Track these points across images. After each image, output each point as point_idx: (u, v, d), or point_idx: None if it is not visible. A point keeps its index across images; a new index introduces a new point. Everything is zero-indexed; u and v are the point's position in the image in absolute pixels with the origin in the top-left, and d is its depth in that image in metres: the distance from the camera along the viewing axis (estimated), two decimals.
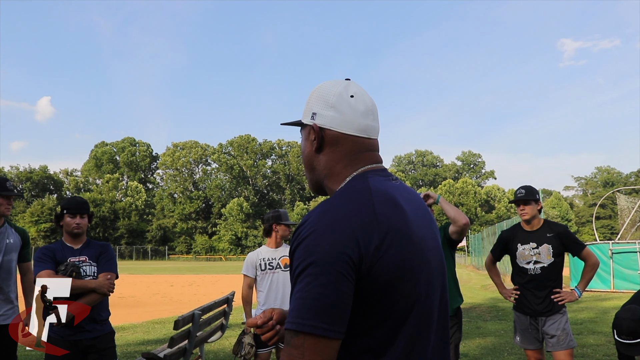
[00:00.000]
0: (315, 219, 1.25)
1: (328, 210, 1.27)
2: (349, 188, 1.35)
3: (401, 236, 1.27)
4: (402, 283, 1.25)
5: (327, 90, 1.47)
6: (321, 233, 1.22)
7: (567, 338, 4.43)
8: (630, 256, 16.86)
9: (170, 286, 22.81)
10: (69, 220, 3.89)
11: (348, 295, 1.20)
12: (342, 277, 1.19)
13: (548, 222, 4.65)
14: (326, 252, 1.19)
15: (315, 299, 1.17)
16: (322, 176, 1.48)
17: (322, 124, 1.44)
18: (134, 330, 10.14)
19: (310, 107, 1.48)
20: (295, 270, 1.22)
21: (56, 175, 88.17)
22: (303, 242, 1.23)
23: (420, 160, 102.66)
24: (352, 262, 1.20)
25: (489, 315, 11.62)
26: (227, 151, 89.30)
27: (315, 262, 1.19)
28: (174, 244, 79.97)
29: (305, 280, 1.19)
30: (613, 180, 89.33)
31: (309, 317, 1.16)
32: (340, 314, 1.19)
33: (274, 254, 5.18)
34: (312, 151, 1.47)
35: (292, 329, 1.17)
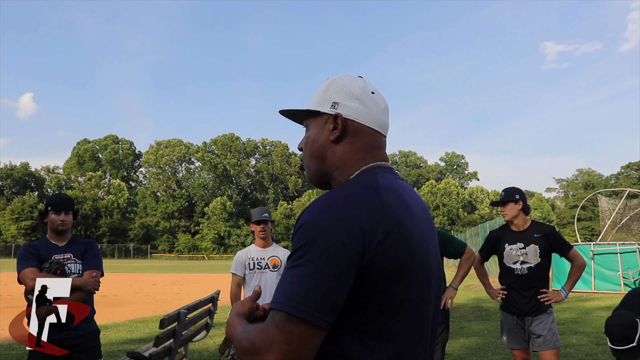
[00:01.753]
0: (321, 205, 1.23)
1: (335, 198, 1.24)
2: (358, 180, 1.34)
3: (406, 233, 1.26)
4: (401, 279, 1.24)
5: (350, 83, 1.46)
6: (327, 220, 1.19)
7: (553, 338, 4.46)
8: (611, 257, 17.05)
9: (153, 285, 22.64)
10: (53, 217, 3.84)
11: (346, 288, 1.18)
12: (344, 269, 1.17)
13: (535, 223, 4.68)
14: (331, 241, 1.17)
15: (316, 286, 1.14)
16: (333, 167, 1.45)
17: (347, 114, 1.43)
18: (116, 329, 10.04)
19: (330, 97, 1.45)
20: (296, 251, 1.19)
21: (37, 172, 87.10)
22: (306, 225, 1.20)
23: (403, 160, 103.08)
24: (355, 254, 1.18)
25: (472, 315, 11.68)
26: (210, 150, 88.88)
27: (319, 249, 1.16)
28: (157, 242, 79.45)
29: (307, 265, 1.15)
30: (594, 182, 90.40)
31: (306, 303, 1.13)
32: (335, 306, 1.16)
33: (262, 253, 5.13)
34: (327, 141, 1.44)
35: (284, 310, 1.13)
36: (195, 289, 19.82)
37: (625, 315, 3.55)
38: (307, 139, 1.49)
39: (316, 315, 1.13)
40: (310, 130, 1.49)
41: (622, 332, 3.44)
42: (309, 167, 1.50)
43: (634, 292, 4.03)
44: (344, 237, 1.17)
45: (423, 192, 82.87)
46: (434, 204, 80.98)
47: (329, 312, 1.15)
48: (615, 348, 3.51)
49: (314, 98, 1.50)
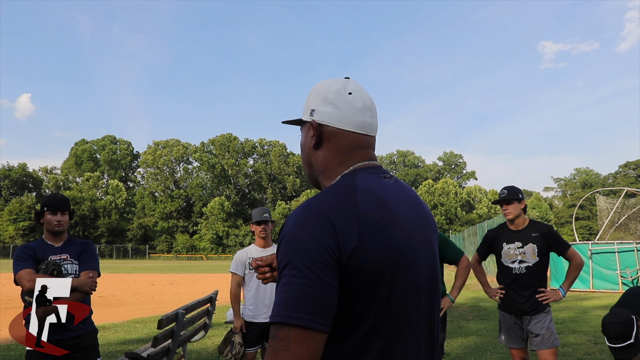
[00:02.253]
0: (297, 214, 1.28)
1: (310, 205, 1.29)
2: (336, 187, 1.36)
3: (383, 235, 1.28)
4: (381, 281, 1.26)
5: (326, 88, 1.49)
6: (302, 227, 1.24)
7: (551, 337, 4.45)
8: (609, 256, 17.08)
9: (151, 285, 22.63)
10: (49, 217, 3.82)
11: (333, 287, 1.21)
12: (326, 268, 1.20)
13: (534, 222, 4.68)
14: (308, 245, 1.21)
15: (300, 290, 1.18)
16: (318, 172, 1.51)
17: (321, 120, 1.47)
18: (115, 330, 10.02)
19: (309, 104, 1.50)
20: (280, 264, 1.23)
21: (35, 173, 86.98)
22: (285, 237, 1.25)
23: (401, 160, 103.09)
24: (333, 254, 1.22)
25: (471, 315, 11.68)
26: (208, 150, 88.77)
27: (298, 255, 1.20)
28: (155, 242, 79.36)
29: (289, 274, 1.20)
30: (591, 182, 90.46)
31: (294, 309, 1.16)
32: (325, 306, 1.19)
33: (262, 253, 5.12)
34: (310, 147, 1.50)
35: (276, 321, 1.17)
36: (194, 289, 19.80)
37: (621, 312, 3.57)
38: (300, 146, 1.58)
39: (306, 318, 1.16)
40: (301, 138, 1.57)
41: (619, 329, 3.45)
42: (305, 172, 1.59)
43: (631, 290, 4.04)
44: (319, 245, 1.21)
45: (421, 192, 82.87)
46: (431, 203, 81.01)
47: (320, 314, 1.17)
48: (613, 346, 3.52)
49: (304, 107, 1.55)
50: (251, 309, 5.13)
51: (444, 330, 4.64)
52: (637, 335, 3.46)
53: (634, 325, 3.47)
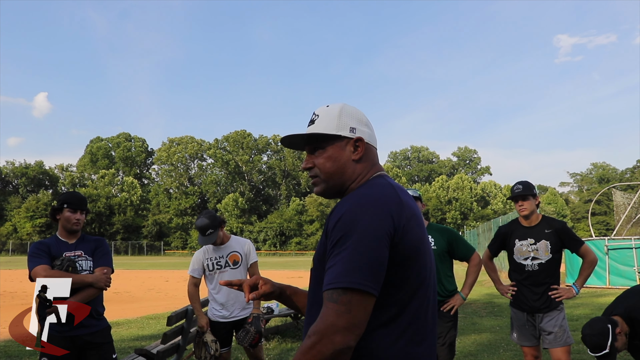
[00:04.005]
0: (354, 200, 1.54)
1: (365, 195, 1.56)
2: (374, 183, 1.66)
3: (418, 222, 1.60)
4: (417, 260, 1.56)
5: (356, 111, 1.78)
6: (366, 209, 1.50)
7: (564, 335, 4.41)
8: (626, 252, 16.87)
9: (166, 282, 22.77)
10: (69, 215, 3.85)
11: (385, 261, 1.48)
12: (384, 244, 1.47)
13: (546, 218, 4.61)
14: (370, 223, 1.47)
15: (363, 261, 1.42)
16: (351, 180, 1.74)
17: (364, 137, 1.75)
18: (128, 326, 10.11)
19: (346, 122, 1.74)
20: (339, 239, 1.47)
21: (51, 170, 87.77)
22: (345, 216, 1.49)
23: (415, 156, 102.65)
24: (388, 234, 1.48)
25: (484, 312, 11.62)
26: (222, 146, 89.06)
27: (359, 232, 1.45)
28: (170, 239, 79.75)
29: (351, 247, 1.44)
30: (608, 177, 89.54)
31: (359, 276, 1.40)
32: (381, 275, 1.46)
33: (220, 251, 5.01)
34: (349, 160, 1.73)
35: (340, 287, 1.40)
36: None
37: (596, 324, 3.68)
38: (328, 158, 1.74)
39: (368, 284, 1.41)
40: (329, 151, 1.74)
41: (594, 341, 3.61)
42: (326, 183, 1.76)
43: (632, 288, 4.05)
44: (379, 221, 1.48)
45: (435, 187, 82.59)
46: (446, 198, 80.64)
47: (375, 281, 1.43)
48: (596, 355, 3.62)
49: (325, 124, 1.74)
50: (220, 309, 5.00)
51: (455, 328, 4.61)
52: (612, 344, 3.54)
53: (608, 335, 3.55)
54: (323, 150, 1.75)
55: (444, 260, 4.57)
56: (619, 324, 3.64)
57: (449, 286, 4.59)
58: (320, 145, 1.75)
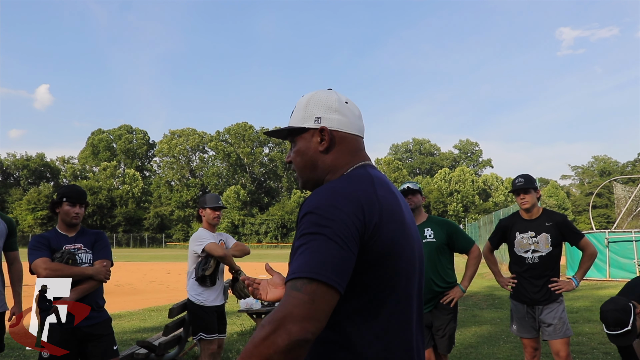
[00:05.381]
0: (326, 192, 1.44)
1: (337, 187, 1.45)
2: (353, 174, 1.56)
3: (396, 218, 1.49)
4: (391, 258, 1.45)
5: (327, 97, 1.65)
6: (335, 202, 1.39)
7: (563, 327, 4.43)
8: (627, 245, 16.91)
9: (167, 274, 22.85)
10: (68, 208, 3.86)
11: (353, 258, 1.37)
12: (352, 240, 1.37)
13: (547, 211, 4.63)
14: (340, 217, 1.36)
15: (330, 254, 1.32)
16: (325, 173, 1.64)
17: (330, 126, 1.62)
18: (130, 318, 10.15)
19: (311, 113, 1.64)
20: (307, 230, 1.36)
21: (53, 162, 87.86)
22: (314, 208, 1.39)
23: (417, 148, 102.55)
24: (358, 230, 1.38)
25: (485, 304, 11.65)
26: (224, 139, 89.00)
27: (330, 224, 1.35)
28: (171, 231, 79.90)
29: (319, 239, 1.34)
30: (610, 170, 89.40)
31: (325, 270, 1.30)
32: (347, 272, 1.35)
33: (216, 238, 5.08)
34: (317, 152, 1.63)
35: (306, 276, 1.29)
36: None
37: (618, 300, 3.59)
38: (297, 152, 1.67)
39: (333, 278, 1.30)
40: (298, 144, 1.67)
41: (616, 316, 3.50)
42: (302, 177, 1.70)
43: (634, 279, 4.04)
44: (348, 216, 1.37)
45: (437, 180, 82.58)
46: (447, 191, 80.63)
47: (342, 277, 1.33)
48: (611, 333, 3.53)
49: (295, 116, 1.68)
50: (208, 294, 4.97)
51: (454, 320, 4.62)
52: (634, 322, 3.47)
53: (632, 312, 3.49)
54: (295, 144, 1.68)
55: (443, 253, 4.58)
56: (638, 305, 3.63)
57: (448, 278, 4.60)
58: (293, 139, 1.69)
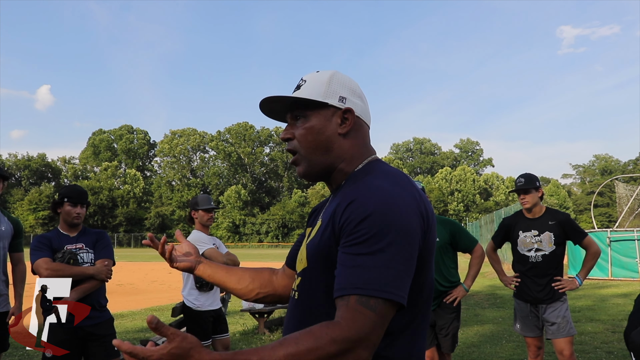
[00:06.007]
0: (386, 192, 1.28)
1: (389, 189, 1.30)
2: (387, 171, 1.40)
3: (433, 221, 1.39)
4: (429, 262, 1.37)
5: (349, 80, 1.52)
6: (399, 206, 1.26)
7: (567, 326, 4.41)
8: (629, 244, 16.87)
9: (169, 273, 22.79)
10: (69, 209, 3.86)
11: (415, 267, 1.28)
12: (417, 250, 1.28)
13: (550, 210, 4.61)
14: (408, 224, 1.25)
15: (403, 270, 1.22)
16: (339, 159, 1.48)
17: (354, 109, 1.49)
18: (132, 318, 10.14)
19: (335, 90, 1.48)
20: (370, 237, 1.22)
21: (54, 163, 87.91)
22: (377, 213, 1.24)
23: (418, 148, 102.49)
24: (420, 238, 1.29)
25: (487, 303, 11.63)
26: (225, 139, 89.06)
27: (397, 234, 1.22)
28: (172, 231, 79.48)
29: (389, 250, 1.21)
30: (611, 168, 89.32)
31: (400, 288, 1.20)
32: (410, 282, 1.26)
33: (210, 240, 5.00)
34: (335, 134, 1.47)
35: (382, 296, 1.18)
36: None
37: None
38: (309, 130, 1.47)
39: (403, 296, 1.21)
40: (312, 121, 1.48)
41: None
42: (308, 159, 1.49)
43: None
44: (415, 223, 1.27)
45: (438, 179, 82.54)
46: (448, 190, 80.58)
47: (407, 293, 1.24)
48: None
49: (311, 89, 1.48)
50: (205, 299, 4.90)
51: (458, 319, 4.61)
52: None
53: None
54: (305, 119, 1.48)
55: (446, 252, 4.57)
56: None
57: (452, 278, 4.59)
58: (303, 113, 1.48)
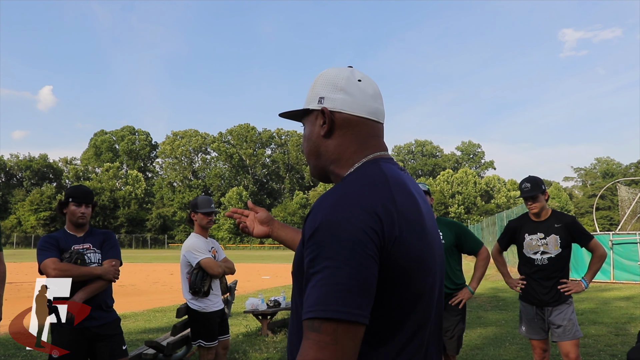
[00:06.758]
0: (334, 202, 1.20)
1: (347, 194, 1.22)
2: (364, 174, 1.31)
3: (417, 227, 1.26)
4: (415, 274, 1.24)
5: (334, 75, 1.44)
6: (345, 216, 1.16)
7: (573, 328, 4.41)
8: (631, 247, 16.87)
9: (170, 275, 22.83)
10: (74, 209, 3.85)
11: (376, 278, 1.16)
12: (371, 259, 1.15)
13: (556, 213, 4.60)
14: (353, 235, 1.14)
15: (346, 283, 1.12)
16: (329, 162, 1.44)
17: (332, 107, 1.41)
18: (135, 319, 10.14)
19: (317, 92, 1.45)
20: (317, 254, 1.15)
21: (55, 163, 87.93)
22: (323, 226, 1.16)
23: (419, 150, 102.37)
24: (377, 245, 1.16)
25: (489, 305, 11.63)
26: (226, 140, 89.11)
27: (342, 245, 1.13)
28: (174, 232, 79.86)
29: (333, 265, 1.12)
30: (612, 171, 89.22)
31: (343, 303, 1.11)
32: (370, 298, 1.15)
33: (209, 244, 5.00)
34: (319, 136, 1.43)
35: (322, 317, 1.10)
36: None
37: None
38: (304, 137, 1.51)
39: (356, 312, 1.11)
40: (305, 128, 1.50)
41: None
42: (309, 164, 1.52)
43: None
44: (363, 235, 1.15)
45: (439, 181, 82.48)
46: (450, 192, 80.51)
47: (364, 306, 1.13)
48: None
49: (307, 96, 1.49)
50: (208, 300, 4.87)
51: (463, 322, 4.62)
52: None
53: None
54: (304, 128, 1.52)
55: (452, 254, 4.58)
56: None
57: (457, 280, 4.59)
58: (303, 123, 1.53)
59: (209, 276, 4.78)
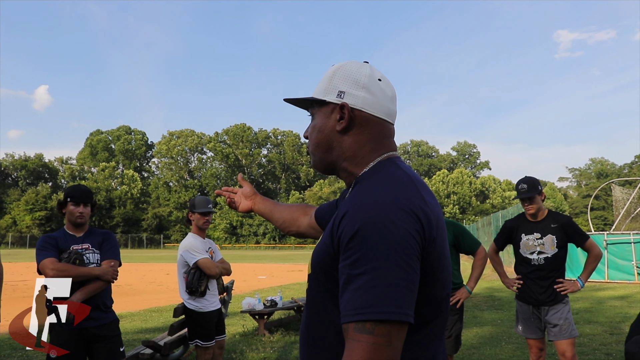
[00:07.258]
0: (374, 203, 1.20)
1: (386, 195, 1.22)
2: (388, 173, 1.32)
3: (442, 227, 1.29)
4: (441, 274, 1.28)
5: (356, 70, 1.42)
6: (389, 217, 1.17)
7: (569, 327, 4.44)
8: (625, 247, 16.95)
9: (167, 274, 22.77)
10: (72, 208, 3.85)
11: (418, 279, 1.19)
12: (417, 260, 1.17)
13: (552, 213, 4.63)
14: (399, 237, 1.15)
15: (398, 285, 1.13)
16: (342, 158, 1.43)
17: (354, 103, 1.40)
18: (131, 319, 10.14)
19: (335, 85, 1.42)
20: (361, 255, 1.15)
21: (51, 163, 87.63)
22: (365, 228, 1.17)
23: (415, 150, 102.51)
24: (420, 246, 1.19)
25: (485, 305, 11.66)
26: (222, 140, 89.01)
27: (389, 246, 1.14)
28: (170, 232, 79.75)
29: (381, 266, 1.13)
30: (607, 172, 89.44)
31: (396, 305, 1.12)
32: (414, 297, 1.17)
33: (206, 244, 5.02)
34: (334, 131, 1.42)
35: (376, 319, 1.11)
36: None
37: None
38: (313, 127, 1.48)
39: (404, 312, 1.13)
40: (315, 119, 1.47)
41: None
42: (314, 155, 1.49)
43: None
44: (409, 236, 1.17)
45: (435, 181, 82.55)
46: (445, 192, 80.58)
47: (411, 306, 1.15)
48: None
49: (320, 85, 1.47)
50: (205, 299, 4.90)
51: (460, 321, 4.64)
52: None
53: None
54: (313, 117, 1.49)
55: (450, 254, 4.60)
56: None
57: (454, 279, 4.61)
58: (312, 111, 1.50)
59: (206, 276, 4.80)
